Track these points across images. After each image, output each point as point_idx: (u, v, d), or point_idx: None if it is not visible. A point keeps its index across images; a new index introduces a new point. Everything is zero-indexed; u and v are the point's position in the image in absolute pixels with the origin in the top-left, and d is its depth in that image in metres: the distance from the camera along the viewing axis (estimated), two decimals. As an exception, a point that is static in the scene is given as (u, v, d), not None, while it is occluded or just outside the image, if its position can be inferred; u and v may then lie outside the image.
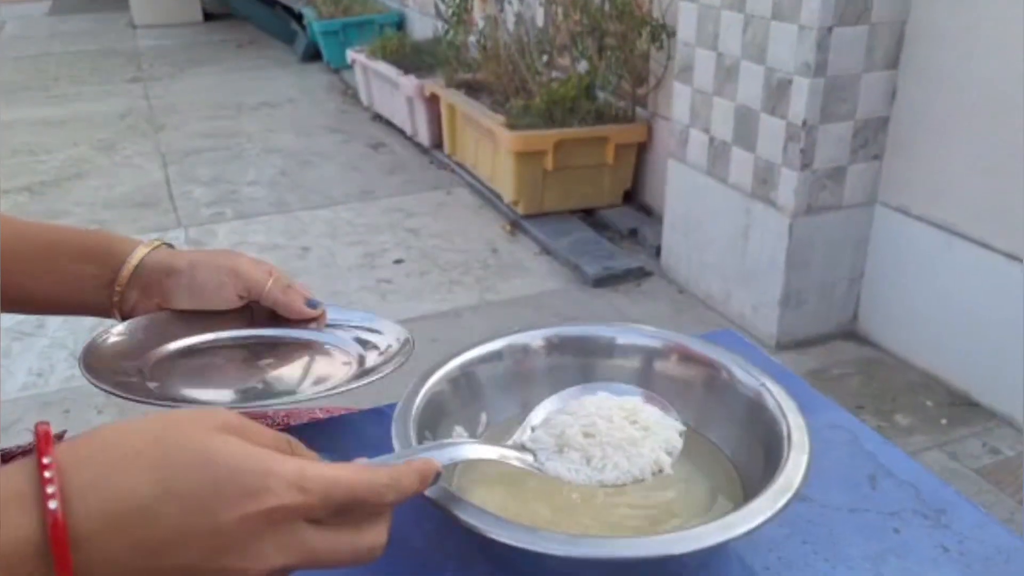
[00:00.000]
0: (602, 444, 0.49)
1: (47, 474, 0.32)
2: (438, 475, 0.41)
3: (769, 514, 0.43)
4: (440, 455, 0.43)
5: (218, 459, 0.34)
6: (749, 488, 0.52)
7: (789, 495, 0.45)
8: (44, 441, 0.33)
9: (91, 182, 3.19)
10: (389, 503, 0.38)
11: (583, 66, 2.79)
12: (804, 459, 0.48)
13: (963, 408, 1.81)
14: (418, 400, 0.54)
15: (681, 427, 0.52)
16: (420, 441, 0.50)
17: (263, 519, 0.34)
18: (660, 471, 0.49)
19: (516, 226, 2.71)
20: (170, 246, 0.64)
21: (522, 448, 0.50)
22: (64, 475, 0.32)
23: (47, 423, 0.35)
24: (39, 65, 5.20)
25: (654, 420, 0.51)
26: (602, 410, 0.51)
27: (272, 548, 0.34)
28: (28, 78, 4.87)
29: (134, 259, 0.61)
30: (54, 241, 0.62)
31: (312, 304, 0.64)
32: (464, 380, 0.58)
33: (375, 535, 0.38)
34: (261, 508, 0.33)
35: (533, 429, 0.51)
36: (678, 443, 0.50)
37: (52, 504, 0.31)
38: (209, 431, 0.35)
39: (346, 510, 0.37)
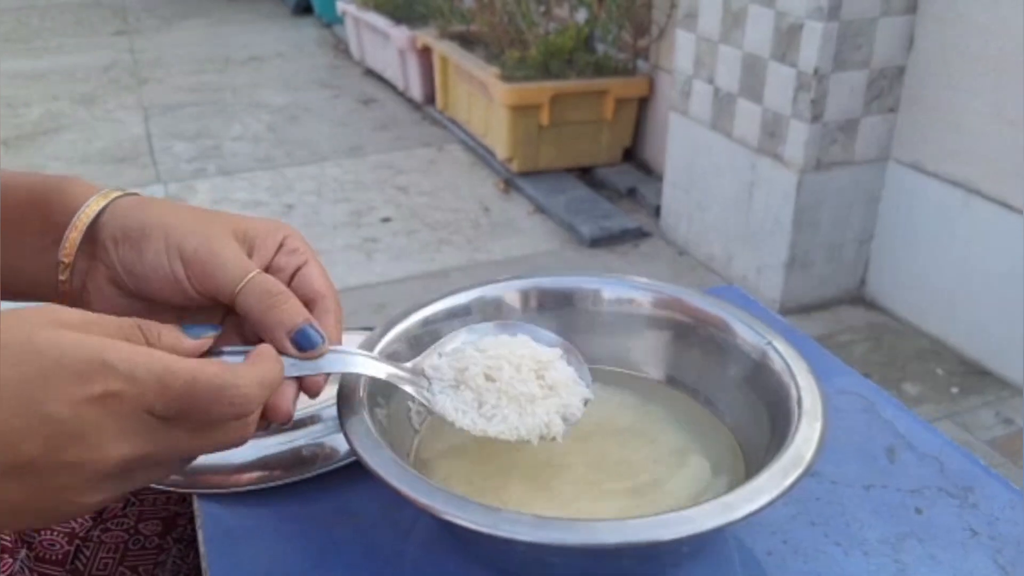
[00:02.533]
0: (499, 392, 0.44)
1: None
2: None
3: (775, 493, 0.37)
4: (324, 364, 0.39)
5: (44, 349, 0.30)
6: (752, 462, 0.46)
7: (799, 471, 0.38)
8: None
9: (69, 136, 3.08)
10: (232, 409, 0.34)
11: (582, 16, 2.67)
12: (817, 428, 0.41)
13: (975, 377, 1.73)
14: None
15: (589, 396, 0.46)
16: (371, 409, 0.43)
17: (97, 404, 0.31)
18: (553, 439, 0.44)
19: (509, 184, 2.61)
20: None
21: (420, 374, 0.45)
22: None
23: None
24: (21, 18, 5.06)
25: (562, 381, 0.45)
26: (513, 356, 0.45)
27: (112, 435, 0.31)
28: (9, 30, 4.73)
29: (85, 215, 0.41)
30: (4, 186, 0.43)
31: (306, 339, 0.39)
32: (428, 339, 0.50)
33: (228, 433, 0.35)
34: (92, 393, 0.30)
35: (440, 356, 0.45)
36: (578, 412, 0.45)
37: None
38: (37, 326, 0.31)
39: (187, 408, 0.33)
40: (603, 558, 0.39)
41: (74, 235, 0.40)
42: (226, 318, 0.42)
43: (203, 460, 0.43)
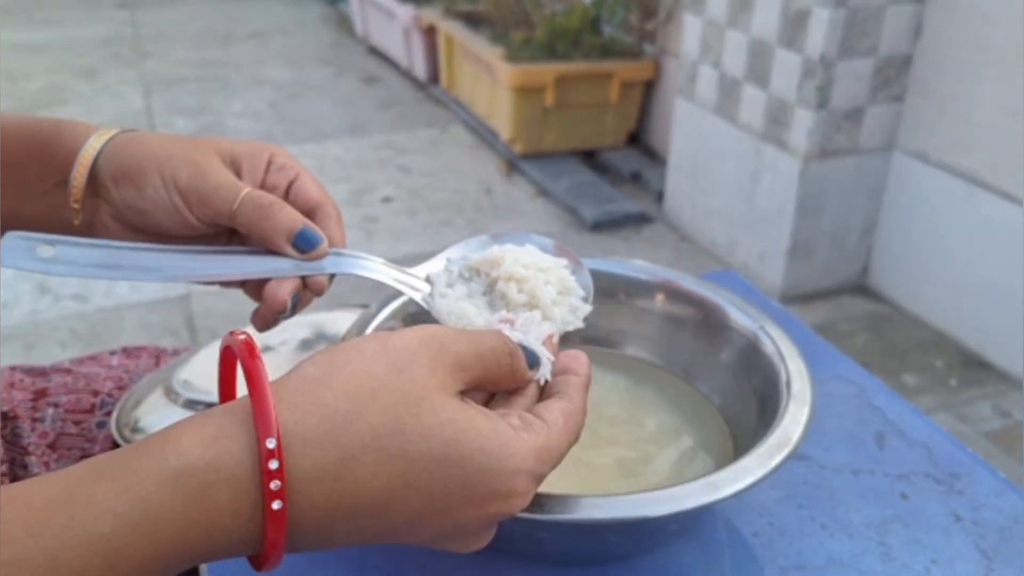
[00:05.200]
0: (525, 294, 0.41)
1: (271, 465, 0.27)
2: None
3: (760, 474, 0.37)
4: (327, 265, 0.40)
5: (467, 456, 0.30)
6: (741, 444, 0.46)
7: (785, 453, 0.39)
8: (263, 410, 0.28)
9: (70, 110, 3.07)
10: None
11: (589, -3, 2.64)
12: (805, 411, 0.41)
13: (974, 369, 1.73)
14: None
15: (588, 307, 0.43)
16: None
17: (502, 516, 0.32)
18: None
19: (513, 166, 2.60)
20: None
21: (427, 280, 0.42)
22: (288, 461, 0.28)
23: (250, 339, 0.31)
24: (24, -11, 5.01)
25: (569, 288, 0.42)
26: (532, 264, 0.42)
27: (491, 533, 0.33)
28: (11, 2, 4.69)
29: (85, 158, 0.41)
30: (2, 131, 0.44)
31: (307, 239, 0.40)
32: (424, 316, 0.49)
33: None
34: (504, 512, 0.32)
35: (449, 260, 0.43)
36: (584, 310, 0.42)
37: (275, 505, 0.27)
38: (455, 410, 0.30)
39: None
40: (591, 534, 0.40)
41: (79, 180, 0.41)
42: (233, 239, 0.43)
43: None
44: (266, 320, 0.40)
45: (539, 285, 0.40)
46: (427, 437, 0.29)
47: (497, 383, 0.34)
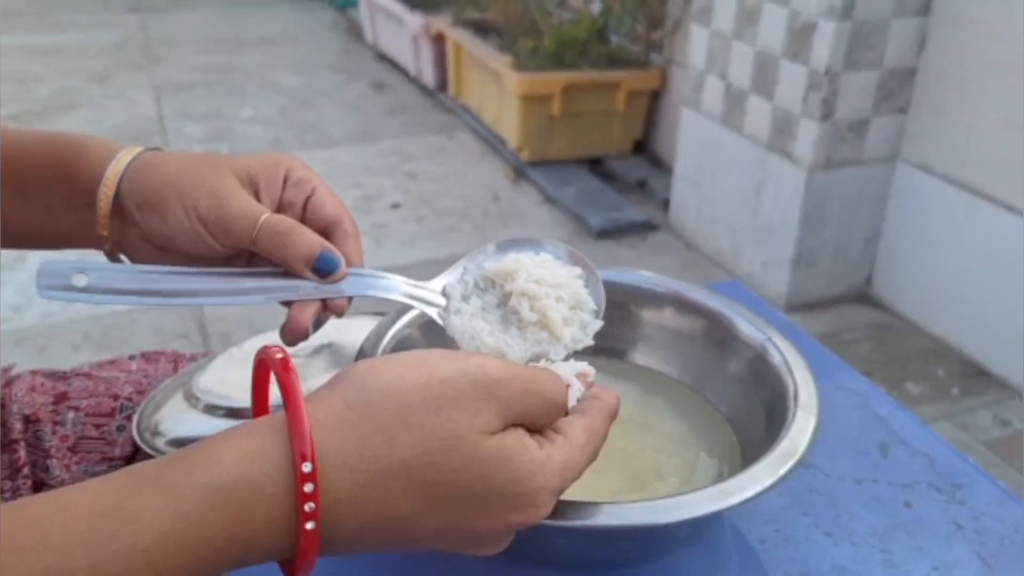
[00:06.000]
0: (536, 313, 0.41)
1: (306, 488, 0.29)
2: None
3: (769, 483, 0.39)
4: (346, 287, 0.41)
5: (492, 474, 0.31)
6: (748, 453, 0.47)
7: (792, 462, 0.40)
8: (299, 432, 0.29)
9: (81, 113, 3.09)
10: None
11: (597, 7, 2.66)
12: (812, 422, 0.43)
13: (975, 378, 1.74)
14: (382, 348, 0.48)
15: (599, 323, 0.43)
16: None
17: (521, 527, 0.33)
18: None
19: (519, 173, 2.62)
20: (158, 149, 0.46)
21: (443, 294, 0.43)
22: (322, 484, 0.29)
23: (286, 356, 0.32)
24: (36, -8, 5.05)
25: (581, 302, 0.43)
26: (544, 278, 0.42)
27: (509, 539, 0.34)
28: (22, 5, 4.72)
29: (108, 183, 0.42)
30: (17, 150, 0.45)
31: (325, 265, 0.41)
32: (439, 325, 0.51)
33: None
34: (523, 523, 0.32)
35: (465, 270, 0.44)
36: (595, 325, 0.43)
37: (308, 525, 0.29)
38: (488, 448, 0.31)
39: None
40: (602, 540, 0.41)
41: (104, 209, 0.42)
42: (256, 257, 0.44)
43: None
44: (291, 340, 0.42)
45: (550, 304, 0.41)
46: (457, 472, 0.31)
47: (535, 423, 0.34)
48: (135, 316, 1.88)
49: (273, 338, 0.46)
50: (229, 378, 0.62)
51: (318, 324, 0.42)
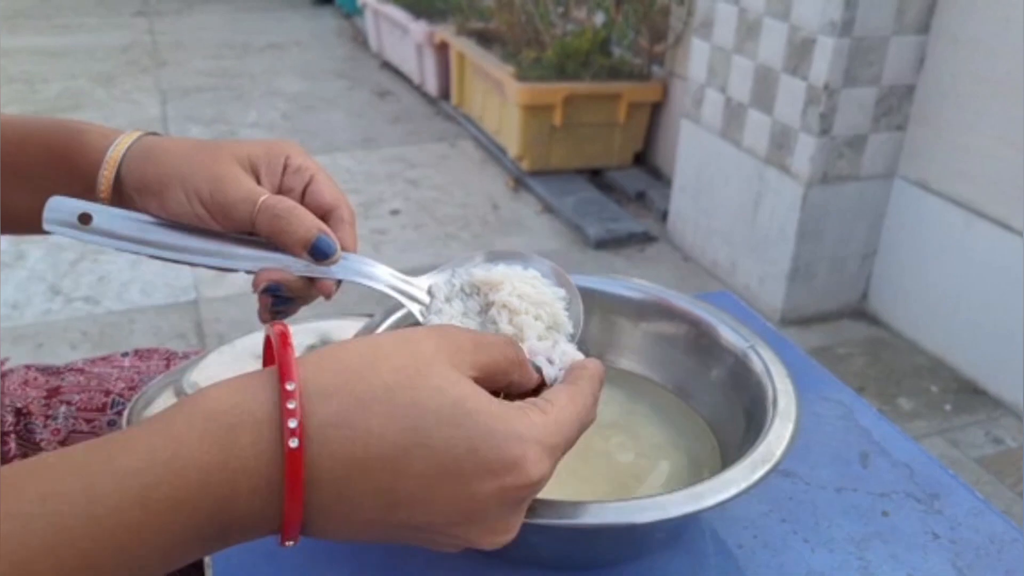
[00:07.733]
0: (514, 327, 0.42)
1: (289, 405, 0.29)
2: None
3: (744, 486, 0.39)
4: (337, 271, 0.42)
5: (473, 415, 0.31)
6: (728, 458, 0.47)
7: (768, 467, 0.40)
8: (285, 362, 0.30)
9: (86, 115, 3.11)
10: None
11: (599, 19, 2.68)
12: (789, 428, 0.43)
13: (969, 395, 1.74)
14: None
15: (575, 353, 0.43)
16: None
17: (520, 493, 0.32)
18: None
19: (520, 182, 2.63)
20: (155, 134, 0.47)
21: (428, 292, 0.44)
22: (306, 408, 0.30)
23: (284, 326, 0.32)
24: (45, -6, 5.09)
25: (560, 324, 0.44)
26: (527, 295, 0.43)
27: (516, 520, 0.33)
28: (31, 6, 4.76)
29: (108, 169, 0.44)
30: (17, 136, 0.46)
31: (321, 249, 0.42)
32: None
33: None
34: (520, 483, 0.31)
35: (453, 273, 0.45)
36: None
37: (292, 443, 0.29)
38: (461, 378, 0.32)
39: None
40: (580, 540, 0.42)
41: (104, 194, 0.44)
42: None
43: None
44: (267, 308, 0.43)
45: (528, 320, 0.42)
46: (437, 391, 0.31)
47: (506, 373, 0.35)
48: (133, 316, 1.89)
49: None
50: (219, 375, 0.62)
51: (291, 299, 0.43)
